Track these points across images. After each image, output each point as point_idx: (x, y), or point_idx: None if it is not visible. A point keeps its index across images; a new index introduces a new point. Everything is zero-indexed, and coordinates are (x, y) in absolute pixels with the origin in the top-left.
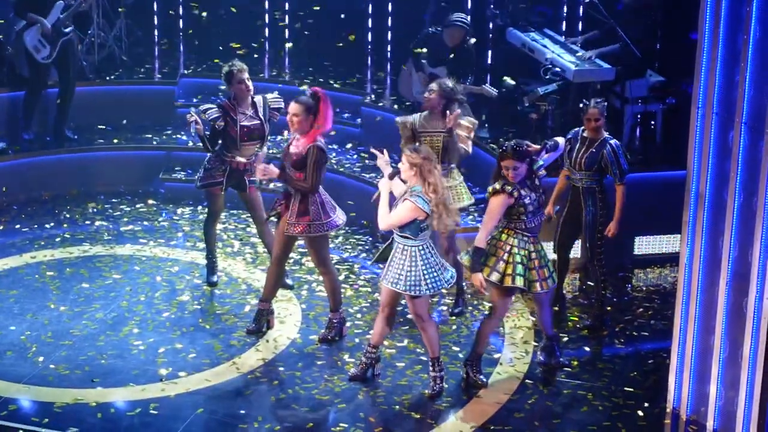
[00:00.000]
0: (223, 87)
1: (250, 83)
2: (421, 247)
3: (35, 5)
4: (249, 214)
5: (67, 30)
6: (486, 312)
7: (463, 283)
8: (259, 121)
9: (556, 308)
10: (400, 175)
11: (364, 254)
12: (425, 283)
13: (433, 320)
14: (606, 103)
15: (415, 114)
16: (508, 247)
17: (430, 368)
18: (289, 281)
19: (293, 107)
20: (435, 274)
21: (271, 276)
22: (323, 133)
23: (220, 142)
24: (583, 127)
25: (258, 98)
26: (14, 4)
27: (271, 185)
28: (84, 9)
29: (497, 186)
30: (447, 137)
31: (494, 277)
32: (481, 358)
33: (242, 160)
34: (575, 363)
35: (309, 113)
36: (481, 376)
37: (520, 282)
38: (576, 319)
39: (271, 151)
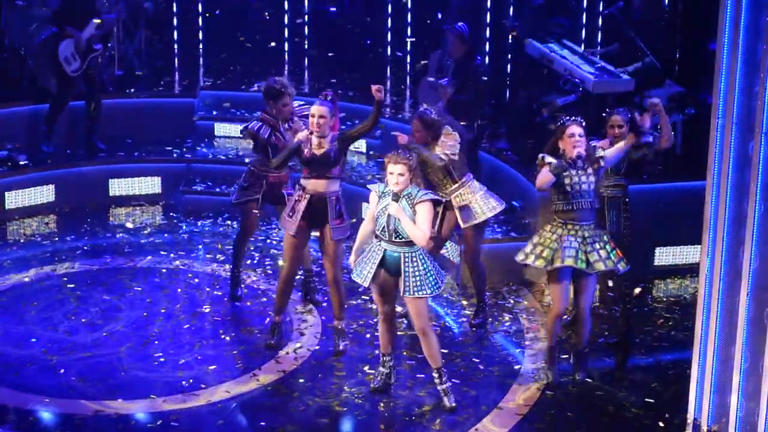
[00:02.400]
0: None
1: (291, 107)
2: (421, 249)
3: (73, 19)
4: (271, 226)
5: (96, 47)
6: (507, 323)
7: (485, 295)
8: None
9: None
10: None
11: None
12: (440, 279)
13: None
14: (626, 111)
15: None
16: (542, 231)
17: (437, 380)
18: (318, 297)
19: (320, 110)
20: (439, 269)
21: (285, 289)
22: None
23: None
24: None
25: None
26: (53, 16)
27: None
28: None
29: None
30: (446, 162)
31: (526, 259)
32: (551, 350)
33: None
34: (596, 374)
35: (332, 116)
36: (549, 372)
37: (539, 263)
38: (596, 330)
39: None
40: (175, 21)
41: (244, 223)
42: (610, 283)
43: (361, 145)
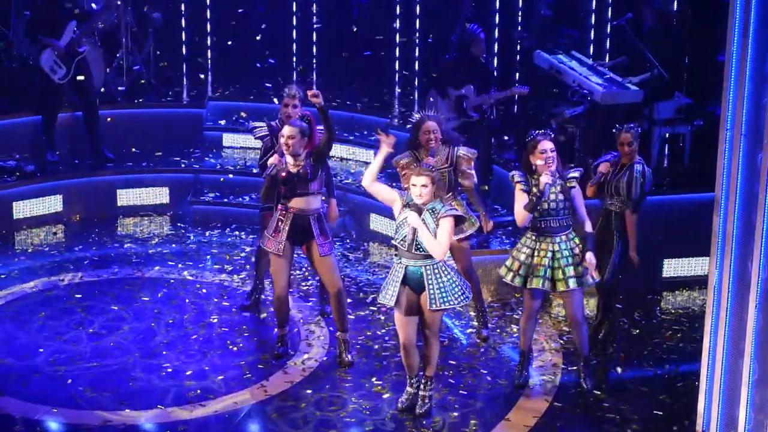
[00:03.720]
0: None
1: (289, 109)
2: (443, 261)
3: (46, 28)
4: None
5: (81, 49)
6: (515, 335)
7: (485, 306)
8: None
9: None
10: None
11: None
12: (466, 289)
13: None
14: (639, 129)
15: (405, 154)
16: (519, 245)
17: (423, 386)
18: (327, 308)
19: (289, 130)
20: (462, 279)
21: (282, 305)
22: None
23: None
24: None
25: None
26: (25, 29)
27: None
28: (107, 22)
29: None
30: (451, 171)
31: (506, 276)
32: (524, 355)
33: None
34: (603, 386)
35: (304, 136)
36: (520, 375)
37: (518, 281)
38: (604, 340)
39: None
40: (183, 33)
41: (260, 231)
42: (620, 297)
43: (368, 155)
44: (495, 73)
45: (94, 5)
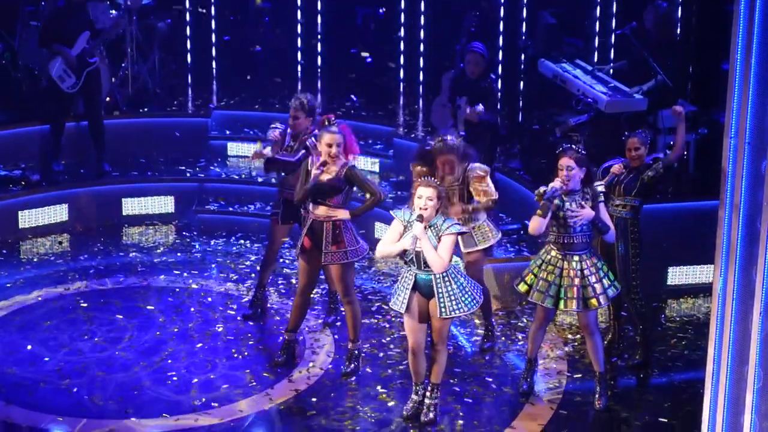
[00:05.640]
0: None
1: (292, 120)
2: (452, 267)
3: (60, 36)
4: (284, 246)
5: (92, 60)
6: (521, 342)
7: (492, 318)
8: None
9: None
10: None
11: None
12: (477, 293)
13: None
14: (645, 134)
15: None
16: (537, 261)
17: (429, 393)
18: (329, 318)
19: (332, 138)
20: (473, 283)
21: (296, 307)
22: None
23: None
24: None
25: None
26: (39, 35)
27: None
28: (112, 38)
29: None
30: (461, 187)
31: (521, 287)
32: (530, 362)
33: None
34: (609, 393)
35: (343, 143)
36: (525, 383)
37: (549, 303)
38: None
39: None
40: (188, 43)
41: (268, 239)
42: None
43: (374, 164)
44: (499, 94)
45: (112, 12)
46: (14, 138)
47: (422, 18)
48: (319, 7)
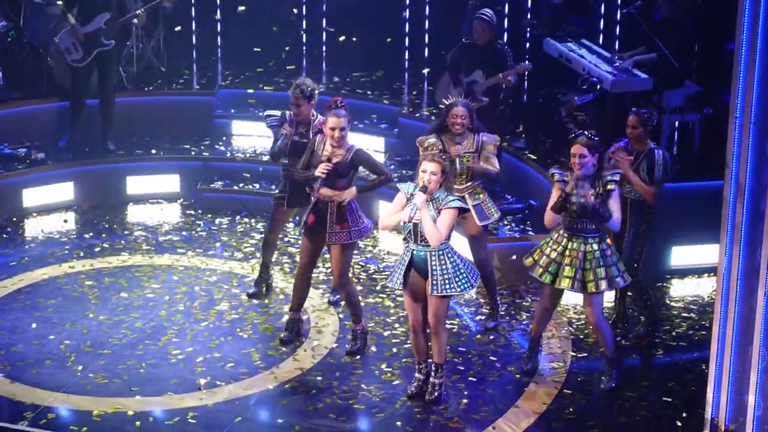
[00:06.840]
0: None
1: (295, 108)
2: (448, 247)
3: (83, 8)
4: (287, 225)
5: (106, 42)
6: (525, 322)
7: (497, 297)
8: (306, 140)
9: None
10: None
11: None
12: (472, 277)
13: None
14: (646, 113)
15: (431, 135)
16: (547, 239)
17: (433, 373)
18: (335, 297)
19: (336, 122)
20: (470, 266)
21: (296, 287)
22: None
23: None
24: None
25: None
26: (64, 3)
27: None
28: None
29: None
30: (476, 156)
31: (534, 271)
32: (534, 341)
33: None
34: (617, 375)
35: (349, 123)
36: (529, 362)
37: (547, 279)
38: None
39: None
40: (193, 22)
41: (270, 222)
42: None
43: (379, 144)
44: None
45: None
46: (19, 116)
47: None
48: None
